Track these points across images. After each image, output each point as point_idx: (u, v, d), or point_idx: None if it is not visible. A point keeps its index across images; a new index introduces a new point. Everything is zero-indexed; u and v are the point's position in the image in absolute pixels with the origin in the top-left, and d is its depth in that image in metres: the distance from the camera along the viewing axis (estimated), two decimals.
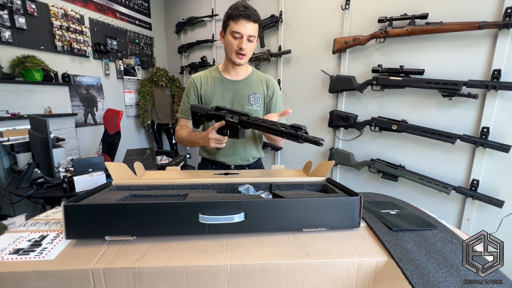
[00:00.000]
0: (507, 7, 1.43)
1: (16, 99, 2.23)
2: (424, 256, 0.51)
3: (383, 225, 0.64)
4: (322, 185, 0.82)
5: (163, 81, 3.38)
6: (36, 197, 1.47)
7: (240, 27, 1.02)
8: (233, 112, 0.93)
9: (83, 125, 2.92)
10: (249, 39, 1.05)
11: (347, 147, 2.20)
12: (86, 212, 0.54)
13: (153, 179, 0.86)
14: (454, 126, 1.69)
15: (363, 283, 0.52)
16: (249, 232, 0.59)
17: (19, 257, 0.50)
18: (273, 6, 2.48)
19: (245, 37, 1.04)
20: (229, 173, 0.98)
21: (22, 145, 1.77)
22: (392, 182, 1.95)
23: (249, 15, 1.01)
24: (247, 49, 1.06)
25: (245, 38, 1.04)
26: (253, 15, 1.02)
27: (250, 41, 1.06)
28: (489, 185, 1.62)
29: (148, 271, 0.49)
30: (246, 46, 1.05)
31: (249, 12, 1.01)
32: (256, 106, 1.17)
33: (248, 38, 1.04)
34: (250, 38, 1.05)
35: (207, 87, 1.17)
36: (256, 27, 1.05)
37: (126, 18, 3.34)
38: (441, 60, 1.70)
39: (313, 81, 2.32)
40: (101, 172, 1.51)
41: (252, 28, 1.04)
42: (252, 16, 1.02)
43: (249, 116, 0.87)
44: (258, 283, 0.50)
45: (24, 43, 2.29)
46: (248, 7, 1.02)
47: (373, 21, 1.88)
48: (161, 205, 0.55)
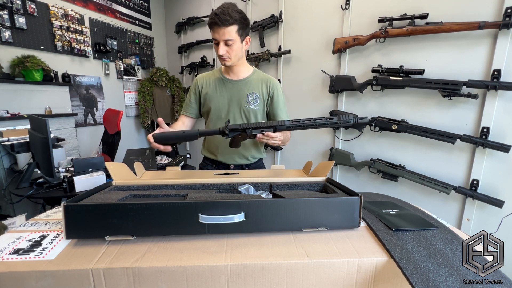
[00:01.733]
0: (507, 7, 1.43)
1: (16, 99, 2.22)
2: (424, 256, 0.51)
3: (383, 225, 0.64)
4: (322, 185, 0.82)
5: (163, 81, 3.38)
6: (36, 197, 1.47)
7: (214, 34, 1.05)
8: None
9: (83, 125, 2.92)
10: (226, 44, 1.05)
11: (347, 147, 2.20)
12: (86, 212, 0.54)
13: (153, 179, 0.86)
14: (454, 126, 1.69)
15: (363, 283, 0.52)
16: (249, 232, 0.59)
17: (19, 257, 0.50)
18: (273, 6, 2.48)
19: (221, 43, 1.05)
20: (229, 173, 0.98)
21: (22, 145, 1.77)
22: (392, 182, 1.95)
23: (217, 22, 1.01)
24: (227, 53, 1.07)
25: (221, 44, 1.05)
26: (224, 20, 1.00)
27: (228, 45, 1.06)
28: (489, 185, 1.62)
29: (148, 271, 0.49)
30: (223, 51, 1.06)
31: (218, 19, 1.00)
32: (254, 105, 1.19)
33: (225, 43, 1.05)
34: (228, 42, 1.05)
35: (208, 87, 1.21)
36: (231, 30, 1.03)
37: (126, 18, 3.34)
38: (441, 60, 1.70)
39: (313, 81, 2.32)
40: (101, 172, 1.51)
41: (226, 33, 1.03)
42: (222, 21, 1.00)
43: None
44: (258, 283, 0.50)
45: (24, 43, 2.29)
46: (219, 13, 1.01)
47: (373, 21, 1.88)
48: (161, 205, 0.55)
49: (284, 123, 0.83)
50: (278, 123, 0.84)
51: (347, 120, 0.77)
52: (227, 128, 0.85)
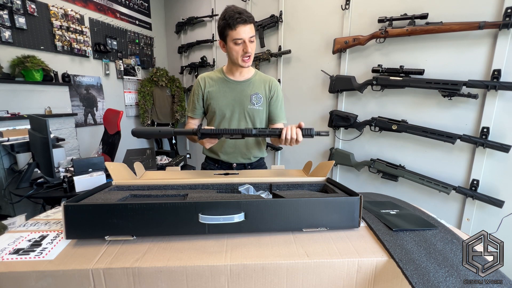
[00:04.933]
0: (507, 7, 1.43)
1: (16, 99, 2.22)
2: (424, 256, 0.51)
3: (383, 225, 0.64)
4: (322, 185, 0.82)
5: (163, 81, 3.38)
6: (36, 197, 1.47)
7: (240, 33, 1.04)
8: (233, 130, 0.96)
9: (83, 125, 2.92)
10: (250, 40, 1.07)
11: (347, 147, 2.20)
12: (86, 212, 0.54)
13: (153, 179, 0.86)
14: (454, 126, 1.69)
15: (363, 283, 0.52)
16: (249, 232, 0.59)
17: (19, 257, 0.50)
18: (273, 6, 2.48)
19: (247, 41, 1.06)
20: (229, 173, 0.98)
21: (22, 145, 1.77)
22: (392, 182, 1.95)
23: (245, 19, 1.02)
24: (252, 50, 1.09)
25: (247, 42, 1.06)
26: (248, 17, 1.03)
27: (251, 41, 1.08)
28: (489, 185, 1.62)
29: (148, 271, 0.49)
30: (251, 48, 1.07)
31: (244, 16, 1.02)
32: (258, 105, 1.20)
33: (249, 40, 1.06)
34: (251, 39, 1.07)
35: (211, 87, 1.21)
36: (252, 26, 1.07)
37: (126, 18, 3.34)
38: (441, 60, 1.70)
39: (313, 81, 2.32)
40: (101, 172, 1.51)
41: (250, 29, 1.05)
42: (247, 18, 1.03)
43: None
44: (258, 283, 0.50)
45: (24, 43, 2.29)
46: (241, 11, 1.03)
47: (373, 21, 1.88)
48: (161, 205, 0.55)
49: (252, 131, 0.90)
50: (245, 131, 0.91)
51: (310, 134, 0.91)
52: (199, 132, 0.92)
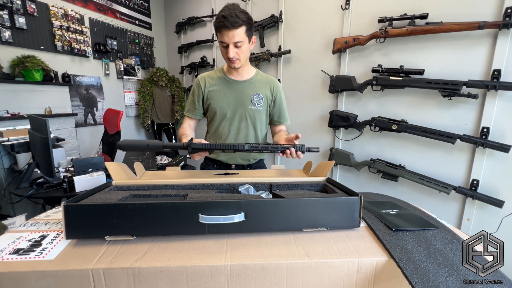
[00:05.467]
0: (507, 7, 1.43)
1: (16, 99, 2.23)
2: (424, 256, 0.51)
3: (383, 225, 0.64)
4: (322, 185, 0.82)
5: (163, 81, 3.38)
6: (36, 197, 1.47)
7: (223, 37, 1.03)
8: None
9: (83, 125, 2.92)
10: (236, 46, 1.04)
11: (347, 147, 2.20)
12: (86, 212, 0.54)
13: (153, 179, 0.86)
14: (454, 126, 1.69)
15: (363, 283, 0.52)
16: (249, 232, 0.59)
17: (19, 257, 0.50)
18: (273, 6, 2.48)
19: (231, 45, 1.04)
20: (229, 173, 0.98)
21: (22, 145, 1.77)
22: (392, 182, 1.95)
23: (227, 25, 0.99)
24: (237, 55, 1.07)
25: (231, 46, 1.04)
26: (233, 22, 0.99)
27: (237, 46, 1.05)
28: (489, 185, 1.62)
29: (148, 271, 0.49)
30: (234, 53, 1.05)
31: (227, 22, 0.98)
32: (259, 106, 1.19)
33: (234, 45, 1.04)
34: (237, 44, 1.04)
35: (212, 86, 1.20)
36: (240, 31, 1.02)
37: (126, 18, 3.34)
38: (441, 60, 1.70)
39: (313, 81, 2.32)
40: (101, 172, 1.51)
41: (236, 35, 1.02)
42: (231, 24, 0.99)
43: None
44: (258, 283, 0.50)
45: (24, 43, 2.29)
46: (227, 15, 0.99)
47: (373, 21, 1.88)
48: (161, 205, 0.55)
49: (244, 147, 0.90)
50: (237, 147, 0.90)
51: (301, 150, 0.95)
52: (190, 147, 0.91)
